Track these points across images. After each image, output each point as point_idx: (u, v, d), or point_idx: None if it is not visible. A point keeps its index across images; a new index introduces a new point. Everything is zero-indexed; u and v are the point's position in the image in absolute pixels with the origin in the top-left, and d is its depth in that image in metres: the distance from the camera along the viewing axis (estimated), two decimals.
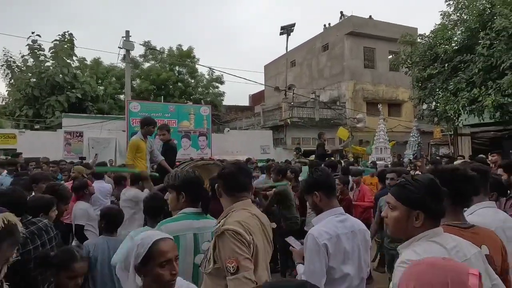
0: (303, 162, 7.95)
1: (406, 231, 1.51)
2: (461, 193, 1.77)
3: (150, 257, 1.50)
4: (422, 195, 1.47)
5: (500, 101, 9.61)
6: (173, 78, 26.16)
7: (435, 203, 1.48)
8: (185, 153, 15.26)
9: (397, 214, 1.53)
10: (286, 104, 20.17)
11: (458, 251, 1.45)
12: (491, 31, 9.95)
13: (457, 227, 1.73)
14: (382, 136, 12.68)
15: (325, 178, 2.26)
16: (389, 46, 21.94)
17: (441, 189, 1.52)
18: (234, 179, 2.01)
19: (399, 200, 1.53)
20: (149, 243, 1.51)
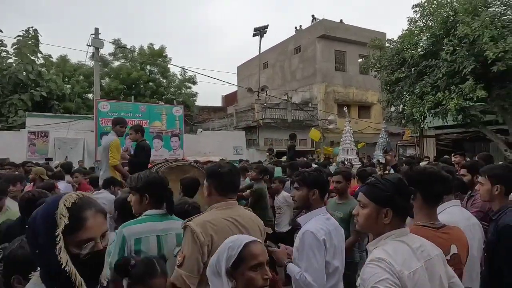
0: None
1: (376, 227, 1.59)
2: (435, 193, 1.87)
3: (241, 260, 1.43)
4: (391, 193, 1.55)
5: (462, 104, 10.11)
6: (144, 78, 25.66)
7: (402, 201, 1.56)
8: (157, 154, 14.99)
9: (368, 211, 1.60)
10: (259, 105, 20.27)
11: (423, 251, 1.53)
12: (454, 37, 10.45)
13: (430, 227, 1.82)
14: (349, 138, 13.08)
15: (325, 178, 2.39)
16: (359, 50, 22.55)
17: (409, 188, 1.61)
18: (227, 179, 2.04)
19: (369, 198, 1.61)
20: (240, 246, 1.45)
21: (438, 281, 1.51)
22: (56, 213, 1.07)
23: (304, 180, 2.33)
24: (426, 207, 1.87)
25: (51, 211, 1.08)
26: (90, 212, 1.13)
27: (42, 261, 1.09)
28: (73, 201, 1.11)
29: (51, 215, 1.07)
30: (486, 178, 2.45)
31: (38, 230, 1.07)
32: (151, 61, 26.00)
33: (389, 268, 1.40)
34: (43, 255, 1.07)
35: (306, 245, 2.10)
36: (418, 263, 1.47)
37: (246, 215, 2.07)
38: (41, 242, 1.06)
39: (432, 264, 1.51)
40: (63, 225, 1.06)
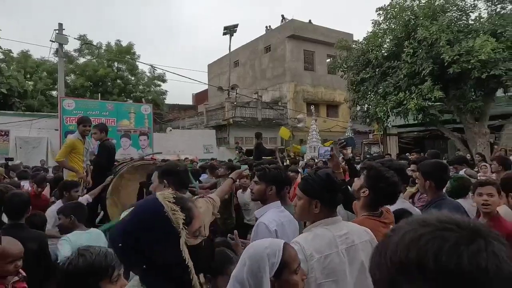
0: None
1: (308, 216, 1.82)
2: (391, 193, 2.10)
3: (284, 265, 1.30)
4: (319, 187, 1.78)
5: (422, 104, 10.66)
6: (112, 75, 25.00)
7: (329, 194, 1.79)
8: (125, 153, 14.71)
9: (302, 202, 1.83)
10: (229, 104, 20.32)
11: (347, 238, 1.70)
12: (414, 40, 10.99)
13: (375, 217, 2.04)
14: (315, 136, 13.50)
15: (284, 176, 2.54)
16: (328, 50, 23.06)
17: (336, 183, 1.85)
18: (183, 176, 2.23)
19: (303, 191, 1.84)
20: (280, 250, 1.33)
21: (359, 265, 1.67)
22: (164, 211, 1.09)
23: (264, 176, 2.45)
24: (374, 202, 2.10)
25: (156, 210, 1.10)
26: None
27: (156, 260, 1.08)
28: (172, 196, 1.16)
29: (159, 213, 1.09)
30: (420, 174, 2.71)
31: (146, 231, 1.08)
32: (118, 58, 25.36)
33: (300, 251, 1.56)
34: (157, 254, 1.07)
35: (259, 236, 2.18)
36: (334, 249, 1.64)
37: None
38: (153, 242, 1.07)
39: (354, 249, 1.69)
40: (181, 219, 1.10)
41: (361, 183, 2.12)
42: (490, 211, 2.55)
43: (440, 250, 0.54)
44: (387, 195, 2.08)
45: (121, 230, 1.11)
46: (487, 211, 2.55)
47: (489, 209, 2.55)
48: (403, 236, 0.60)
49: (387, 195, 2.08)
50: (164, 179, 2.22)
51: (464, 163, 5.08)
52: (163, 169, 2.31)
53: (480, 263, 0.53)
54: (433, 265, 0.54)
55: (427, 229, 0.59)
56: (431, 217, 0.62)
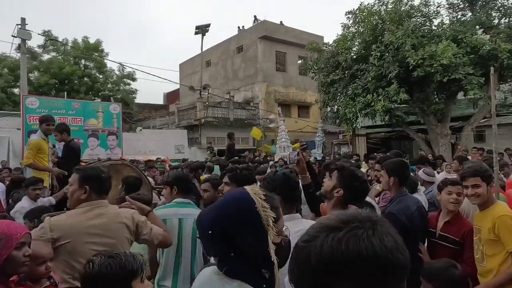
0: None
1: None
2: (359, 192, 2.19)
3: None
4: (278, 185, 1.92)
5: (388, 106, 11.04)
6: (78, 73, 24.16)
7: (289, 191, 1.93)
8: (93, 153, 14.28)
9: None
10: (201, 104, 20.17)
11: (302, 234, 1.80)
12: (381, 44, 11.36)
13: None
14: (284, 136, 13.70)
15: (254, 179, 2.60)
16: (299, 52, 23.38)
17: (294, 181, 2.00)
18: (102, 183, 2.20)
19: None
20: None
21: None
22: (256, 206, 1.11)
23: (235, 177, 2.47)
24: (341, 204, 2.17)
25: (247, 204, 1.12)
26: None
27: (245, 251, 1.10)
28: (263, 194, 1.16)
29: (249, 208, 1.11)
30: (384, 171, 2.84)
31: (236, 222, 1.10)
32: (86, 56, 24.55)
33: None
34: (246, 245, 1.09)
35: None
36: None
37: (113, 213, 2.17)
38: (242, 233, 1.09)
39: None
40: (271, 218, 1.10)
41: (333, 184, 2.16)
42: (457, 209, 2.71)
43: (357, 245, 0.66)
44: (360, 194, 2.17)
45: (210, 218, 1.15)
46: (456, 209, 2.70)
47: (457, 207, 2.70)
48: (322, 242, 0.69)
49: (360, 194, 2.16)
50: (86, 185, 2.13)
51: (426, 163, 5.33)
52: (85, 174, 2.21)
53: (385, 244, 0.67)
54: (358, 260, 0.65)
55: (339, 233, 0.69)
56: (331, 221, 0.73)
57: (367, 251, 0.65)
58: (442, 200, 2.74)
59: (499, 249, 2.31)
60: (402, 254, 0.69)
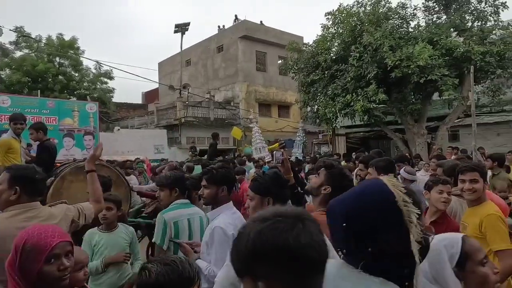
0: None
1: None
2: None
3: (466, 256, 1.26)
4: (269, 184, 1.91)
5: (367, 106, 11.21)
6: (53, 71, 23.40)
7: (279, 190, 1.93)
8: (68, 153, 13.88)
9: (254, 202, 1.93)
10: (181, 103, 19.95)
11: None
12: (360, 45, 11.54)
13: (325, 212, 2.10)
14: (258, 137, 13.77)
15: (232, 174, 2.50)
16: (279, 52, 23.48)
17: (283, 179, 2.00)
18: (36, 185, 2.08)
19: (254, 191, 1.94)
20: (459, 241, 1.29)
21: None
22: (396, 200, 1.01)
23: (213, 178, 2.39)
24: (328, 201, 2.17)
25: (385, 197, 1.02)
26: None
27: (382, 247, 0.99)
28: (403, 186, 1.06)
29: (388, 201, 1.01)
30: (373, 169, 2.93)
31: (373, 216, 1.00)
32: (60, 53, 23.81)
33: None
34: (384, 241, 0.99)
35: (216, 240, 2.16)
36: None
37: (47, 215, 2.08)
38: (379, 228, 0.99)
39: None
40: (414, 214, 1.00)
41: (321, 181, 2.18)
42: (446, 208, 2.73)
43: (274, 237, 0.78)
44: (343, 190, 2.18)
45: (344, 210, 1.06)
46: (445, 208, 2.72)
47: (446, 206, 2.72)
48: (249, 232, 0.82)
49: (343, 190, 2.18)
50: (17, 186, 1.98)
51: (405, 161, 5.43)
52: (17, 173, 2.03)
53: (300, 240, 0.78)
54: (271, 250, 0.78)
55: (264, 224, 0.81)
56: (266, 213, 0.86)
57: (282, 244, 0.77)
58: (432, 199, 2.75)
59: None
60: (316, 251, 0.80)
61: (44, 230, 1.40)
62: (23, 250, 1.33)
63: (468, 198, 2.52)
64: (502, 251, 2.22)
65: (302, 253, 0.77)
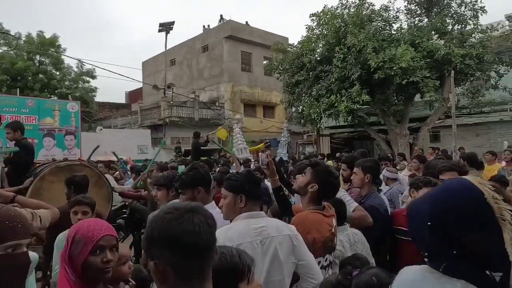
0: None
1: (235, 212, 1.92)
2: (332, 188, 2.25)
3: None
4: (241, 182, 1.93)
5: (351, 107, 11.33)
6: (33, 69, 22.80)
7: (252, 187, 1.94)
8: (49, 153, 13.50)
9: (228, 200, 1.95)
10: (165, 103, 19.75)
11: (263, 230, 1.82)
12: (344, 46, 11.65)
13: (319, 211, 2.16)
14: (240, 138, 13.83)
15: (207, 175, 2.45)
16: (264, 52, 23.53)
17: (256, 177, 2.03)
18: None
19: (227, 189, 1.96)
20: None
21: (272, 255, 1.80)
22: (485, 197, 0.95)
23: (184, 183, 2.37)
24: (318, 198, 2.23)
25: (473, 195, 0.97)
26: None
27: (471, 248, 0.94)
28: (491, 184, 1.01)
29: (477, 199, 0.96)
30: (360, 169, 2.96)
31: (460, 216, 0.96)
32: (41, 51, 23.24)
33: None
34: (474, 247, 0.93)
35: None
36: (248, 239, 1.77)
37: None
38: (468, 228, 0.94)
39: (269, 241, 1.80)
40: (508, 212, 0.94)
41: (308, 179, 2.21)
42: None
43: (163, 225, 0.97)
44: (333, 189, 2.23)
45: (429, 209, 1.01)
46: None
47: None
48: (156, 219, 1.00)
49: (333, 189, 2.23)
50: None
51: (387, 161, 5.53)
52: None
53: (183, 228, 0.96)
54: (158, 236, 0.97)
55: (160, 214, 1.01)
56: (166, 206, 1.05)
57: (168, 231, 0.96)
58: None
59: None
60: (203, 238, 0.97)
61: (93, 223, 1.50)
62: (73, 241, 1.42)
63: None
64: None
65: (183, 239, 0.95)
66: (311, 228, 2.01)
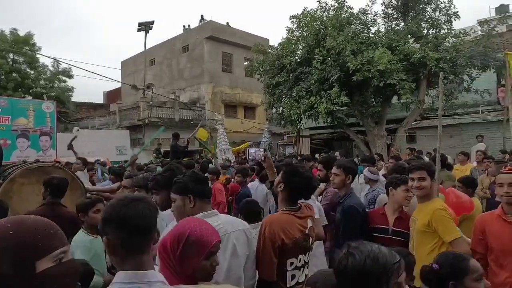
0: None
1: (186, 214, 1.89)
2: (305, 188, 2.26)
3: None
4: (187, 183, 1.93)
5: (330, 108, 11.47)
6: (6, 67, 22.08)
7: (199, 186, 1.96)
8: (22, 155, 13.08)
9: (177, 203, 1.95)
10: (144, 103, 19.45)
11: (221, 227, 1.87)
12: (324, 48, 11.79)
13: (291, 212, 2.19)
14: (223, 139, 13.96)
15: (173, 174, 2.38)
16: (245, 53, 23.53)
17: (202, 176, 2.05)
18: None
19: (175, 193, 1.96)
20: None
21: (232, 250, 1.90)
22: None
23: (159, 184, 2.37)
24: (291, 198, 2.26)
25: None
26: None
27: None
28: None
29: None
30: (341, 170, 3.02)
31: None
32: (14, 49, 22.50)
33: None
34: None
35: None
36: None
37: None
38: None
39: (227, 237, 1.90)
40: None
41: (278, 180, 2.28)
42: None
43: (114, 210, 1.23)
44: (301, 189, 2.22)
45: None
46: (408, 205, 2.90)
47: (409, 204, 2.88)
48: (114, 203, 1.27)
49: (301, 189, 2.22)
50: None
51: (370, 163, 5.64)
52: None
53: (128, 212, 1.21)
54: (110, 217, 1.23)
55: (113, 201, 1.30)
56: (118, 196, 1.45)
57: (117, 214, 1.21)
58: (397, 197, 2.85)
59: (428, 240, 2.49)
60: (145, 221, 1.22)
61: (205, 227, 1.52)
62: (187, 242, 1.43)
63: (417, 194, 2.66)
64: (454, 241, 2.41)
65: (129, 220, 1.20)
66: (279, 230, 2.05)
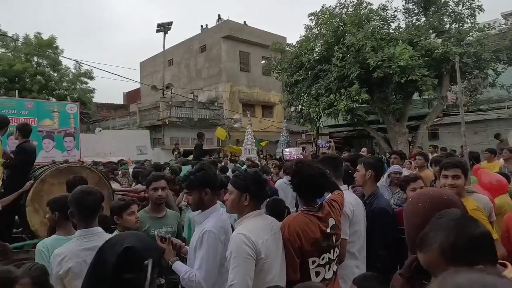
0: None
1: (239, 208, 2.08)
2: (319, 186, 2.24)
3: None
4: (247, 182, 2.03)
5: (350, 106, 11.33)
6: (31, 70, 22.76)
7: (256, 188, 2.05)
8: (48, 155, 13.50)
9: (233, 196, 2.06)
10: (163, 104, 19.72)
11: (273, 226, 2.12)
12: (343, 46, 11.64)
13: (310, 211, 2.19)
14: (250, 139, 14.08)
15: (212, 175, 2.36)
16: (262, 52, 23.52)
17: (262, 179, 2.12)
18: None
19: (233, 186, 2.07)
20: None
21: (282, 246, 2.10)
22: None
23: (192, 184, 2.31)
24: (309, 197, 2.25)
25: None
26: None
27: None
28: None
29: None
30: (362, 166, 2.99)
31: None
32: (38, 52, 23.17)
33: (248, 239, 1.88)
34: None
35: (207, 244, 2.11)
36: (268, 234, 2.02)
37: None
38: None
39: (278, 234, 2.10)
40: None
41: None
42: None
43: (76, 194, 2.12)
44: (311, 185, 2.19)
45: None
46: None
47: None
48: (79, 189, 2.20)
49: (310, 186, 2.19)
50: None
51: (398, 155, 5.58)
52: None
53: (84, 196, 2.11)
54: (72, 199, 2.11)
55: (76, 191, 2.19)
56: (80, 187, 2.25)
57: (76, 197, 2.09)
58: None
59: None
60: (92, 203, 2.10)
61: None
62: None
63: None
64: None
65: (83, 202, 2.03)
66: (297, 231, 2.09)
